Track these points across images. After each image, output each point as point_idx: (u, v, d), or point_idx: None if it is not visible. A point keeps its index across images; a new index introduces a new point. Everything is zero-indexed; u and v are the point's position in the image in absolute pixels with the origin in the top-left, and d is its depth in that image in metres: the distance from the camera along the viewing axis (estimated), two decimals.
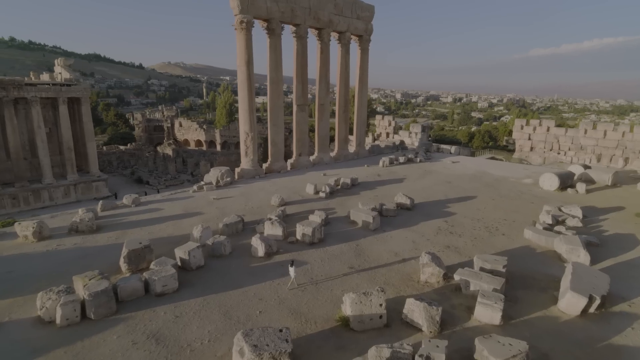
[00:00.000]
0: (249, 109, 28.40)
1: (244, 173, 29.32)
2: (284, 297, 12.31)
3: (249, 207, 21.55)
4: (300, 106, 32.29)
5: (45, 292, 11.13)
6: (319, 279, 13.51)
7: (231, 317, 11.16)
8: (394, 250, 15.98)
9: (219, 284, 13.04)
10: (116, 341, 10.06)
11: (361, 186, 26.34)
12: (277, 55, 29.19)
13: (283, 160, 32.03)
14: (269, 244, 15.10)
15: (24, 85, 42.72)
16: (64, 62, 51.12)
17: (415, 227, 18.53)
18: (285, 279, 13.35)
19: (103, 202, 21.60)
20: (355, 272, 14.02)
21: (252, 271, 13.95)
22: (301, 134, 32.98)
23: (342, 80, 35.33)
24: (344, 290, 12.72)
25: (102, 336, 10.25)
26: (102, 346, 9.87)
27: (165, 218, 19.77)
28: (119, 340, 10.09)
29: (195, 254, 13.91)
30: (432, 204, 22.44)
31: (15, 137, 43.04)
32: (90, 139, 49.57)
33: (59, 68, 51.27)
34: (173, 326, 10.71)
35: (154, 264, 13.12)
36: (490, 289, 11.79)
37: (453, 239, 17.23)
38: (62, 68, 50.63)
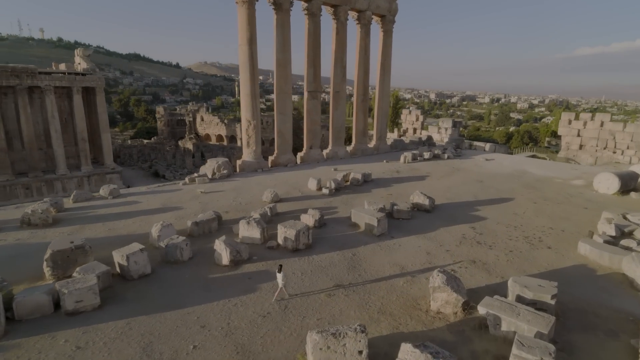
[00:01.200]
0: (251, 93, 25.31)
1: (245, 166, 26.28)
2: (236, 325, 8.95)
3: (237, 203, 18.40)
4: (312, 93, 28.88)
5: None
6: (292, 299, 10.05)
7: (151, 354, 7.92)
8: (400, 263, 12.25)
9: (158, 300, 9.88)
10: None
11: (374, 183, 22.58)
12: (284, 34, 25.92)
13: (291, 153, 28.74)
14: (236, 250, 11.81)
15: (38, 73, 42.17)
16: (82, 52, 50.42)
17: (432, 234, 14.66)
18: (249, 298, 10.04)
19: (76, 193, 19.15)
20: (343, 291, 10.46)
21: (208, 285, 10.70)
22: (312, 124, 29.56)
23: (360, 65, 31.60)
24: (321, 318, 9.22)
25: None
26: None
27: (137, 212, 16.97)
28: None
29: (137, 259, 10.83)
30: (458, 205, 18.39)
31: (29, 126, 42.54)
32: (105, 130, 48.63)
33: (78, 58, 50.65)
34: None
35: (78, 270, 10.14)
36: (532, 332, 7.90)
37: (481, 251, 13.25)
38: (81, 58, 49.93)
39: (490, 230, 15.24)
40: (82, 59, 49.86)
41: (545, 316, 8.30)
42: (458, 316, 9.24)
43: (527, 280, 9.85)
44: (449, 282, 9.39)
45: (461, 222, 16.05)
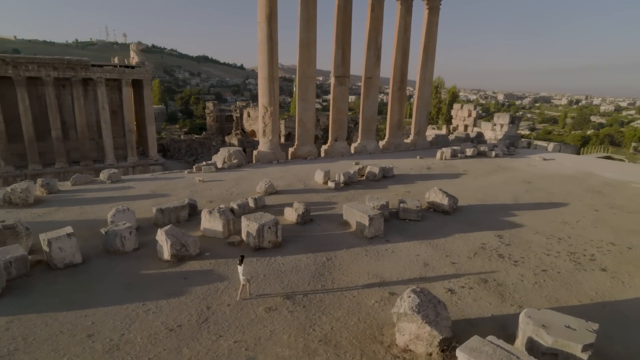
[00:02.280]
0: (269, 76, 23.42)
1: (260, 156, 24.49)
2: (129, 338, 6.89)
3: (229, 193, 16.54)
4: (339, 78, 26.33)
5: None
6: (219, 312, 7.77)
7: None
8: (382, 275, 9.42)
9: (65, 297, 8.16)
10: None
11: (395, 179, 19.51)
12: (309, 11, 23.68)
13: (312, 145, 26.45)
14: (181, 243, 9.80)
15: (91, 66, 44.46)
16: (136, 47, 52.81)
17: (441, 241, 11.51)
18: (169, 304, 7.97)
19: (76, 176, 18.57)
20: (290, 306, 7.97)
21: (133, 282, 8.79)
22: (338, 113, 27.00)
23: (399, 47, 28.36)
24: (240, 341, 6.85)
25: None
26: None
27: (122, 198, 15.79)
28: None
29: (63, 245, 9.26)
30: (488, 208, 14.84)
31: (82, 117, 45.01)
32: (150, 122, 50.18)
33: (132, 53, 52.73)
34: None
35: None
36: None
37: (501, 267, 9.93)
38: (134, 52, 51.94)
39: (523, 240, 11.70)
40: (135, 53, 51.89)
41: None
42: (433, 358, 6.33)
43: (550, 315, 6.62)
44: (422, 307, 6.50)
45: (485, 228, 12.63)
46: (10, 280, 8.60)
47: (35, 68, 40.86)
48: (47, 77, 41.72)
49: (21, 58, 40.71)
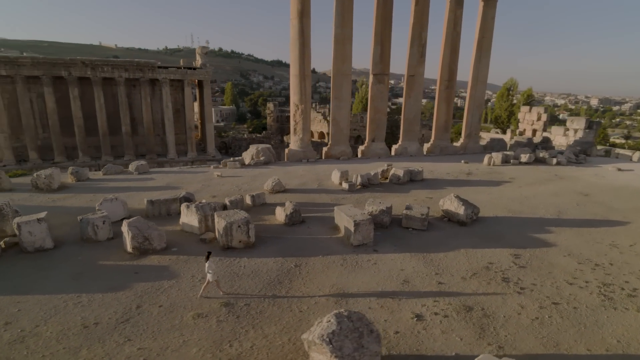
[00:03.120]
0: (300, 74, 22.80)
1: (291, 155, 23.96)
2: (40, 331, 6.56)
3: (239, 189, 16.13)
4: (378, 76, 24.85)
5: None
6: (146, 312, 7.15)
7: None
8: (349, 288, 8.12)
9: (12, 280, 8.21)
10: None
11: (423, 184, 17.62)
12: (344, 5, 22.63)
13: (346, 145, 25.29)
14: (144, 236, 9.43)
15: (157, 68, 47.92)
16: (201, 50, 55.55)
17: (439, 255, 9.79)
18: (101, 298, 7.58)
19: (108, 166, 19.60)
20: (221, 315, 7.10)
21: (84, 273, 8.58)
22: (376, 112, 25.50)
23: (447, 43, 26.03)
24: (144, 349, 6.12)
25: None
26: None
27: (138, 188, 16.21)
28: None
29: (32, 229, 9.41)
30: (517, 222, 12.52)
31: (148, 114, 48.74)
32: (209, 120, 52.74)
33: (197, 55, 56.01)
34: None
35: None
36: None
37: (499, 292, 8.03)
38: (199, 55, 55.08)
39: (545, 263, 9.49)
40: (200, 55, 54.77)
41: None
42: None
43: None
44: (338, 337, 5.20)
45: (503, 244, 10.54)
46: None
47: (109, 69, 44.97)
48: (119, 78, 45.66)
49: (98, 60, 45.05)
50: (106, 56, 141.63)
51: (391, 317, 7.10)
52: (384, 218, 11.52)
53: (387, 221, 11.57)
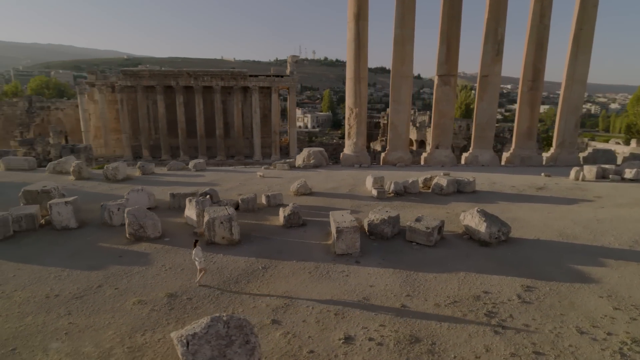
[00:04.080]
0: (355, 77, 22.28)
1: (344, 159, 23.56)
2: (13, 295, 7.51)
3: (272, 190, 16.32)
4: (443, 77, 22.93)
5: None
6: (101, 292, 7.64)
7: None
8: (298, 296, 7.55)
9: (29, 250, 9.58)
10: None
11: (471, 196, 15.59)
12: (404, 5, 21.51)
13: (405, 151, 23.85)
14: (139, 224, 10.15)
15: (248, 76, 51.72)
16: (291, 59, 58.41)
17: (427, 276, 8.48)
18: (77, 275, 8.37)
19: (172, 163, 21.80)
20: (158, 306, 7.20)
21: (81, 251, 9.60)
22: (441, 117, 23.51)
23: (532, 38, 22.78)
24: (74, 324, 6.54)
25: None
26: None
27: (184, 183, 17.58)
28: None
29: (60, 210, 10.89)
30: (563, 248, 10.18)
31: (239, 119, 52.92)
32: (293, 125, 54.91)
33: (288, 65, 59.06)
34: None
35: (12, 209, 11.01)
36: None
37: (470, 329, 6.57)
38: (289, 64, 58.02)
39: (563, 302, 7.49)
40: (290, 64, 57.66)
41: None
42: None
43: None
44: (199, 341, 4.81)
45: (521, 273, 8.65)
46: (19, 231, 10.59)
47: (208, 79, 50.10)
48: (216, 86, 50.52)
49: (199, 71, 50.53)
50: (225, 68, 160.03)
51: (318, 334, 6.34)
52: (385, 229, 10.44)
53: (388, 232, 10.46)
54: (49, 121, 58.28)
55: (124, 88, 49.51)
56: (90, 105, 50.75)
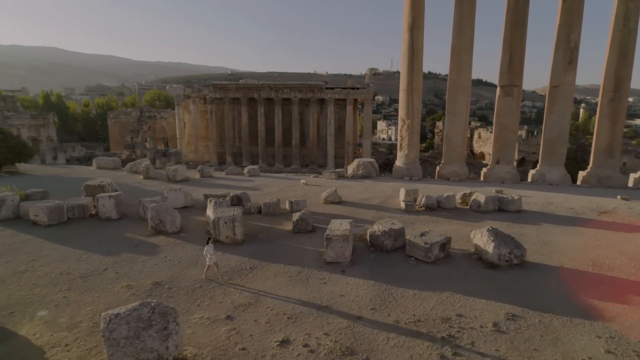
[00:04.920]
0: (408, 88, 21.79)
1: (395, 171, 23.09)
2: (40, 269, 9.05)
3: (307, 197, 16.73)
4: (505, 88, 21.19)
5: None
6: (104, 274, 8.87)
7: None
8: (266, 297, 7.81)
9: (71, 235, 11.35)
10: None
11: (514, 216, 14.12)
12: (461, 14, 20.53)
13: (460, 165, 22.45)
14: (160, 219, 11.41)
15: (325, 88, 53.18)
16: (370, 72, 58.99)
17: (403, 291, 8.09)
18: (96, 259, 9.78)
19: (230, 168, 23.71)
20: (144, 292, 8.12)
21: (108, 239, 11.09)
22: (502, 130, 21.67)
23: (614, 44, 19.90)
24: (67, 299, 7.77)
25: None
26: None
27: (231, 187, 18.73)
28: None
29: (105, 202, 12.74)
30: (589, 279, 8.79)
31: (314, 130, 54.65)
32: (367, 136, 54.70)
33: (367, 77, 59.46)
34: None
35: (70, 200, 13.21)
36: None
37: (419, 345, 6.17)
38: (368, 76, 58.40)
39: (546, 337, 6.56)
40: (368, 77, 58.19)
41: None
42: None
43: None
44: (120, 320, 5.42)
45: (515, 301, 7.75)
46: (72, 218, 12.63)
47: (287, 91, 52.95)
48: (294, 98, 53.12)
49: (279, 84, 53.68)
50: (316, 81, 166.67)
51: (261, 335, 6.53)
52: (385, 241, 10.14)
53: (388, 245, 10.13)
54: (155, 129, 66.97)
55: (214, 100, 54.86)
56: (186, 115, 57.19)
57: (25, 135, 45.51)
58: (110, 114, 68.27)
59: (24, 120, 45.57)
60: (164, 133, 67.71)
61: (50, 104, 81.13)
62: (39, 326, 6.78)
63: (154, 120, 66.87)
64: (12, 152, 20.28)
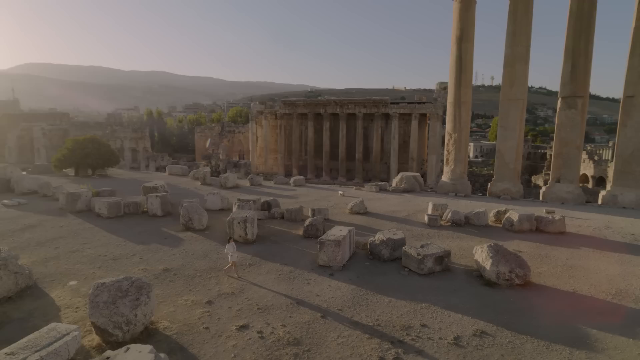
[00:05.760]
0: (455, 101, 21.19)
1: (439, 186, 22.44)
2: (88, 250, 10.90)
3: (337, 207, 17.34)
4: (567, 100, 19.48)
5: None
6: (131, 259, 10.38)
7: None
8: (249, 289, 8.54)
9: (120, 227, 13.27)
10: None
11: (552, 238, 12.95)
12: (515, 22, 19.54)
13: (513, 182, 20.98)
14: (189, 217, 12.85)
15: (389, 104, 52.84)
16: (438, 86, 57.31)
17: (379, 298, 8.17)
18: (130, 245, 11.43)
19: (278, 178, 25.15)
20: (157, 277, 9.39)
21: (146, 231, 12.76)
22: (564, 145, 19.83)
23: None
24: (89, 275, 9.33)
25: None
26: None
27: (274, 194, 19.81)
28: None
29: (153, 201, 14.69)
30: (599, 308, 7.94)
31: (377, 144, 54.42)
32: (432, 152, 52.68)
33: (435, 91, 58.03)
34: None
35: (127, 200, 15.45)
36: None
37: (364, 347, 6.33)
38: (436, 90, 56.98)
39: (502, 353, 6.22)
40: (436, 91, 56.75)
41: None
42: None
43: None
44: (102, 289, 6.55)
45: (497, 321, 7.35)
46: (127, 213, 14.78)
47: (352, 107, 53.98)
48: (359, 113, 53.92)
49: (344, 99, 54.96)
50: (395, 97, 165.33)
51: (228, 319, 7.23)
52: (382, 250, 10.22)
53: (385, 254, 10.18)
54: (233, 142, 72.74)
55: (283, 115, 58.07)
56: (258, 129, 61.32)
57: (126, 146, 52.94)
58: (197, 129, 75.79)
59: (126, 133, 53.07)
60: (241, 146, 73.09)
61: (152, 120, 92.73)
62: (65, 292, 8.33)
63: (232, 134, 72.62)
64: (102, 159, 24.11)
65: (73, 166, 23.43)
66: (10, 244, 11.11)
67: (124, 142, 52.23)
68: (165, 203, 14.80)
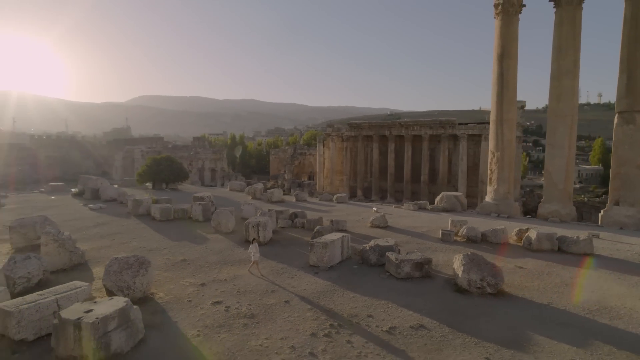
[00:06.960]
0: (497, 119, 20.72)
1: (481, 207, 21.83)
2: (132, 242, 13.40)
3: (359, 220, 18.12)
4: (624, 115, 17.94)
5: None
6: (166, 252, 12.56)
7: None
8: (238, 279, 9.98)
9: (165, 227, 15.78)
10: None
11: (573, 258, 12.28)
12: (561, 35, 18.81)
13: (563, 204, 19.56)
14: (218, 221, 14.85)
15: (457, 124, 51.11)
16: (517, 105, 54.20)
17: (344, 293, 8.95)
18: (165, 240, 13.69)
19: (323, 195, 26.57)
20: (175, 266, 11.37)
21: (184, 231, 15.00)
22: (622, 164, 18.11)
23: None
24: None
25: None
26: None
27: (311, 208, 21.56)
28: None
29: (196, 208, 17.11)
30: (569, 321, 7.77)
31: (444, 166, 52.61)
32: None
33: None
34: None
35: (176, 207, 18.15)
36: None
37: (304, 327, 7.29)
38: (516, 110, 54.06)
39: (425, 342, 6.66)
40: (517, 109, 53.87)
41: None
42: None
43: None
44: (118, 263, 8.53)
45: (442, 320, 7.70)
46: (176, 218, 17.35)
47: (417, 128, 53.70)
48: (425, 135, 53.37)
49: (409, 121, 54.87)
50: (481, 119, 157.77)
51: (209, 297, 8.67)
52: (370, 255, 10.89)
53: (372, 259, 10.84)
54: (304, 163, 76.44)
55: (350, 137, 59.84)
56: (326, 151, 63.80)
57: (207, 166, 59.26)
58: (272, 151, 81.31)
59: (207, 154, 59.62)
60: (311, 167, 76.37)
61: (235, 143, 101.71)
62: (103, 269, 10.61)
63: (304, 156, 76.36)
64: (173, 174, 28.07)
65: (151, 180, 27.69)
66: (81, 234, 14.13)
67: (204, 163, 58.72)
68: (206, 210, 17.12)
